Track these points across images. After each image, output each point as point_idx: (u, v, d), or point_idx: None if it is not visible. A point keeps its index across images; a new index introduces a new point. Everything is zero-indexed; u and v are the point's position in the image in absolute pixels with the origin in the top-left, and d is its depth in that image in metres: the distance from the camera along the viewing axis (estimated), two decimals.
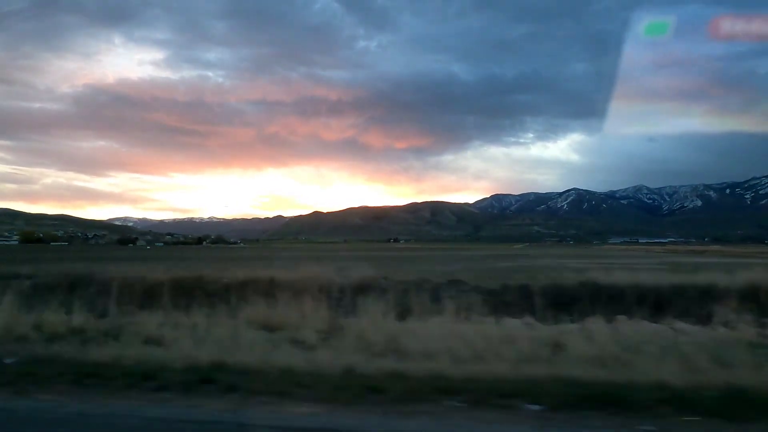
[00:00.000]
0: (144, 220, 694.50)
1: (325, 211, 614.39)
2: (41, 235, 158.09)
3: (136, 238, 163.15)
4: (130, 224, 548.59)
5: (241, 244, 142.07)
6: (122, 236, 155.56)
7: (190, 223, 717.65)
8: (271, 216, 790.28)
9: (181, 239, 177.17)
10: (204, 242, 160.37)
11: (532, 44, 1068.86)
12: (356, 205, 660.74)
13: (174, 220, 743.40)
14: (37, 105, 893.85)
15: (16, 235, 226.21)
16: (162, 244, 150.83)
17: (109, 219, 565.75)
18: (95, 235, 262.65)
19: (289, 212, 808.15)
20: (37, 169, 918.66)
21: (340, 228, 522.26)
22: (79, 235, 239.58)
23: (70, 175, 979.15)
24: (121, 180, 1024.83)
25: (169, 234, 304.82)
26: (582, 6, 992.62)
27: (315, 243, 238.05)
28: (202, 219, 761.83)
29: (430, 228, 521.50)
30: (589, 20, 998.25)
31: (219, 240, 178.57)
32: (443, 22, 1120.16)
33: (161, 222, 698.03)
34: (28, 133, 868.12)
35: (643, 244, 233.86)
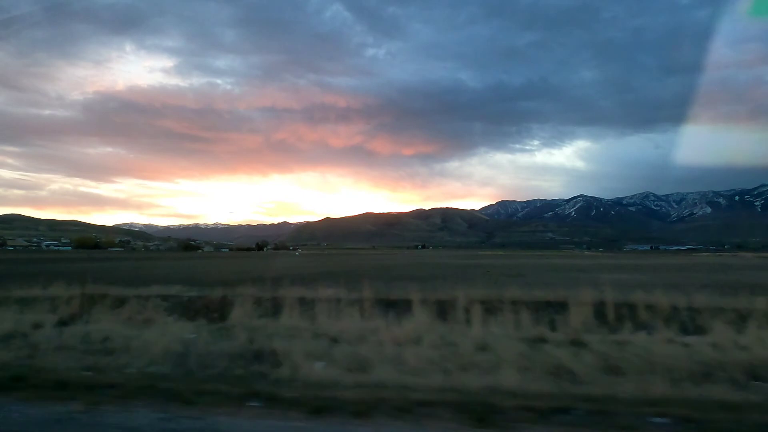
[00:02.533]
0: (149, 226, 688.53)
1: (335, 217, 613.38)
2: (99, 240, 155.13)
3: (202, 246, 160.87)
4: (136, 230, 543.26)
5: (299, 251, 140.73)
6: (186, 243, 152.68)
7: (195, 228, 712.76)
8: (276, 222, 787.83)
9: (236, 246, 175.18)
10: (265, 249, 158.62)
11: (540, 52, 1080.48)
12: (361, 211, 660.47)
13: (179, 225, 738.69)
14: (47, 112, 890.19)
15: (40, 238, 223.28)
16: (227, 250, 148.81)
17: (115, 225, 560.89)
18: (125, 241, 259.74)
19: (294, 218, 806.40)
20: (45, 175, 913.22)
21: (353, 234, 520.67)
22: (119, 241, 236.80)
23: (77, 181, 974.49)
24: (127, 186, 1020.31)
25: (191, 240, 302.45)
26: (591, 14, 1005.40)
27: (349, 249, 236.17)
28: (207, 225, 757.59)
29: (442, 234, 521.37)
30: (597, 28, 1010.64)
31: (281, 246, 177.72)
32: (452, 30, 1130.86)
33: (167, 228, 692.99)
34: (37, 140, 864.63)
35: (681, 252, 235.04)
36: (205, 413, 5.08)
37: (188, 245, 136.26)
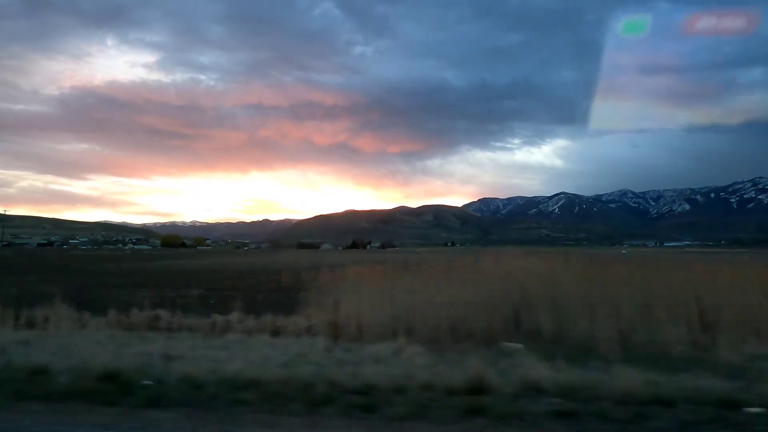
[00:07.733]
0: (124, 224, 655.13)
1: (327, 214, 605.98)
2: (185, 241, 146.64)
3: (319, 244, 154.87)
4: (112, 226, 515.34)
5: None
6: (300, 241, 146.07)
7: (172, 226, 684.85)
8: (257, 220, 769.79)
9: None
10: (367, 246, 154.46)
11: (524, 52, 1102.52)
12: (343, 209, 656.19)
13: (155, 224, 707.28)
14: (19, 106, 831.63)
15: (54, 237, 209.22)
16: (329, 246, 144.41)
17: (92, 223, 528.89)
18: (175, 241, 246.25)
19: (275, 216, 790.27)
20: (14, 172, 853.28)
21: (347, 232, 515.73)
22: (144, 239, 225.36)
23: (48, 178, 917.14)
24: (101, 183, 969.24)
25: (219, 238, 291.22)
26: (576, 16, 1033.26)
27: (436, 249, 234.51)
28: (184, 223, 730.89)
29: (438, 231, 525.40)
30: (582, 30, 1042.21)
31: (388, 244, 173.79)
32: (441, 30, 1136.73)
33: (143, 226, 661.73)
34: (8, 135, 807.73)
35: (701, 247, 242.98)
36: None
37: (302, 244, 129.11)
